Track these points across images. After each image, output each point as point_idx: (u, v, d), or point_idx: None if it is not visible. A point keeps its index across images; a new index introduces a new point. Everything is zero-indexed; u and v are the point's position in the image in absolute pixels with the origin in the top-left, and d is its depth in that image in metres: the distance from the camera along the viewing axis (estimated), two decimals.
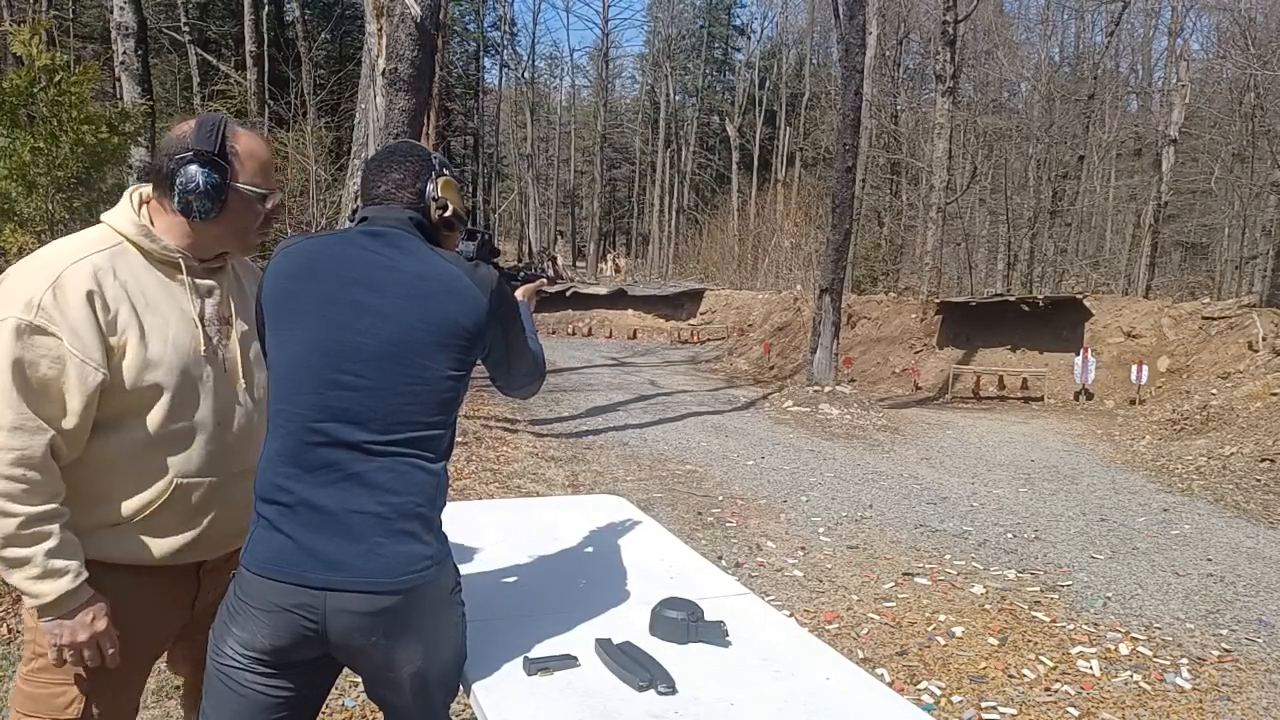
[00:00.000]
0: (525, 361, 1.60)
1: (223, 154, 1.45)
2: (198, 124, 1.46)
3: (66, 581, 1.35)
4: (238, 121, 1.51)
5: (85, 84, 5.46)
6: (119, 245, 1.45)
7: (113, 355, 1.38)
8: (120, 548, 1.45)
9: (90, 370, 1.35)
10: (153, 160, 1.50)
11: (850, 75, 11.38)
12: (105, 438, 1.41)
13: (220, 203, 1.45)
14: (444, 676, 1.42)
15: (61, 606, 1.36)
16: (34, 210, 5.44)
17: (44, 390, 1.33)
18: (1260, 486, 6.75)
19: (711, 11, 43.20)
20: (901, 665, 3.41)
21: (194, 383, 1.48)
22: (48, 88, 5.28)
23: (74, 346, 1.34)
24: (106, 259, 1.42)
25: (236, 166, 1.47)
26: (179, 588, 1.55)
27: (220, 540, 1.56)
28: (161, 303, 1.46)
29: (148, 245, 1.46)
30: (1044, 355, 13.08)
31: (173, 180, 1.43)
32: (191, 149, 1.43)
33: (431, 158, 1.53)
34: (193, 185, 1.42)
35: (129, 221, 1.47)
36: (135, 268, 1.45)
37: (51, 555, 1.34)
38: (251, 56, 20.62)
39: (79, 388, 1.35)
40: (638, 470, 6.80)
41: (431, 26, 6.34)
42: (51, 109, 5.30)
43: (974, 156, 23.99)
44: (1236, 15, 20.15)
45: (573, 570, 2.00)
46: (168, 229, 1.48)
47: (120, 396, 1.40)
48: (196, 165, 1.43)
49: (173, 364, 1.44)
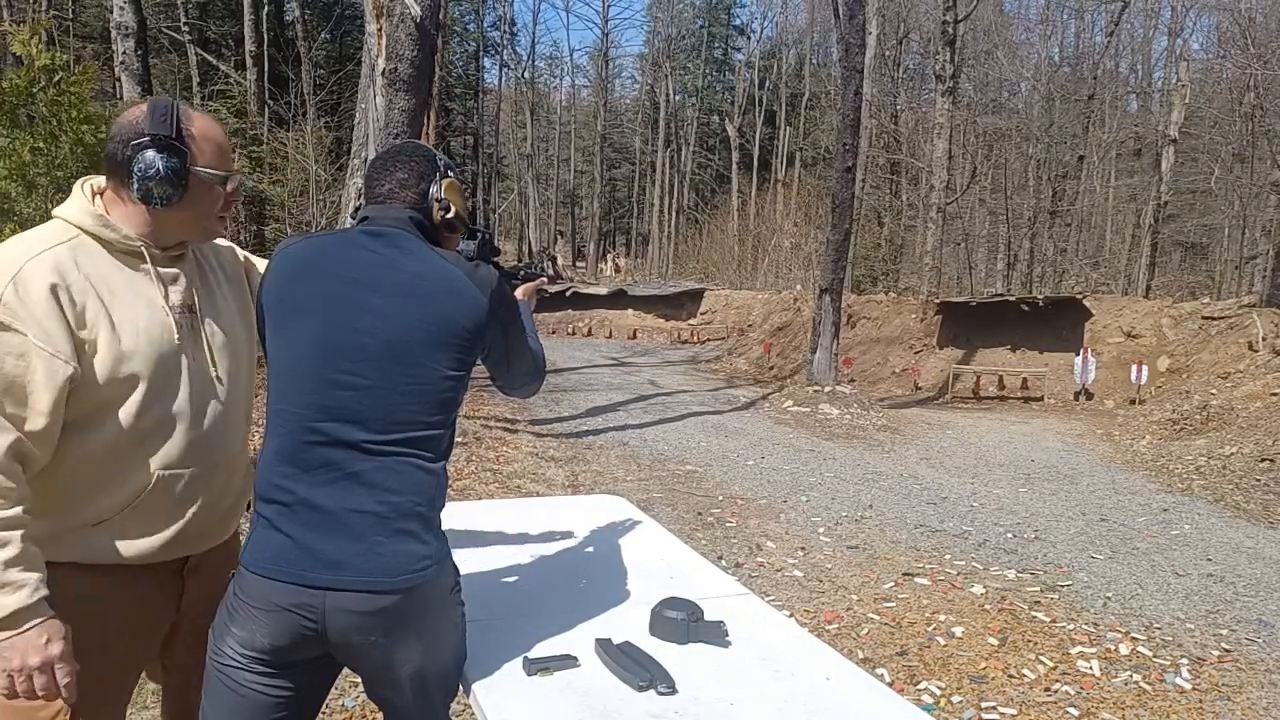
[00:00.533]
0: (525, 361, 1.60)
1: (180, 138, 1.39)
2: (150, 108, 1.40)
3: (24, 595, 1.25)
4: (187, 104, 1.47)
5: (85, 84, 5.45)
6: (76, 238, 1.38)
7: (84, 350, 1.33)
8: (103, 547, 1.40)
9: (60, 365, 1.30)
10: (107, 148, 1.41)
11: (850, 75, 11.38)
12: (82, 436, 1.36)
13: (181, 188, 1.40)
14: (444, 676, 1.42)
15: (14, 624, 1.25)
16: (34, 210, 5.43)
17: (8, 390, 1.27)
18: (1260, 486, 6.75)
19: (711, 11, 43.20)
20: (901, 665, 3.41)
21: (169, 372, 1.43)
22: (47, 88, 5.28)
23: (40, 341, 1.28)
24: (67, 251, 1.35)
25: (195, 150, 1.41)
26: (163, 587, 1.50)
27: (203, 534, 1.53)
28: (127, 293, 1.40)
29: (107, 235, 1.40)
30: (1044, 355, 13.08)
31: (130, 167, 1.37)
32: (148, 134, 1.37)
33: (436, 159, 1.53)
34: (152, 171, 1.37)
35: (84, 212, 1.40)
36: (97, 259, 1.39)
37: (8, 565, 1.24)
38: (251, 56, 20.61)
39: (47, 384, 1.29)
40: (638, 470, 6.80)
41: (431, 26, 6.34)
42: (51, 109, 5.30)
43: (974, 156, 23.99)
44: (1236, 15, 20.16)
45: (573, 570, 2.00)
46: (125, 218, 1.42)
47: (95, 392, 1.35)
48: (154, 150, 1.37)
49: (147, 354, 1.39)
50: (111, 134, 1.41)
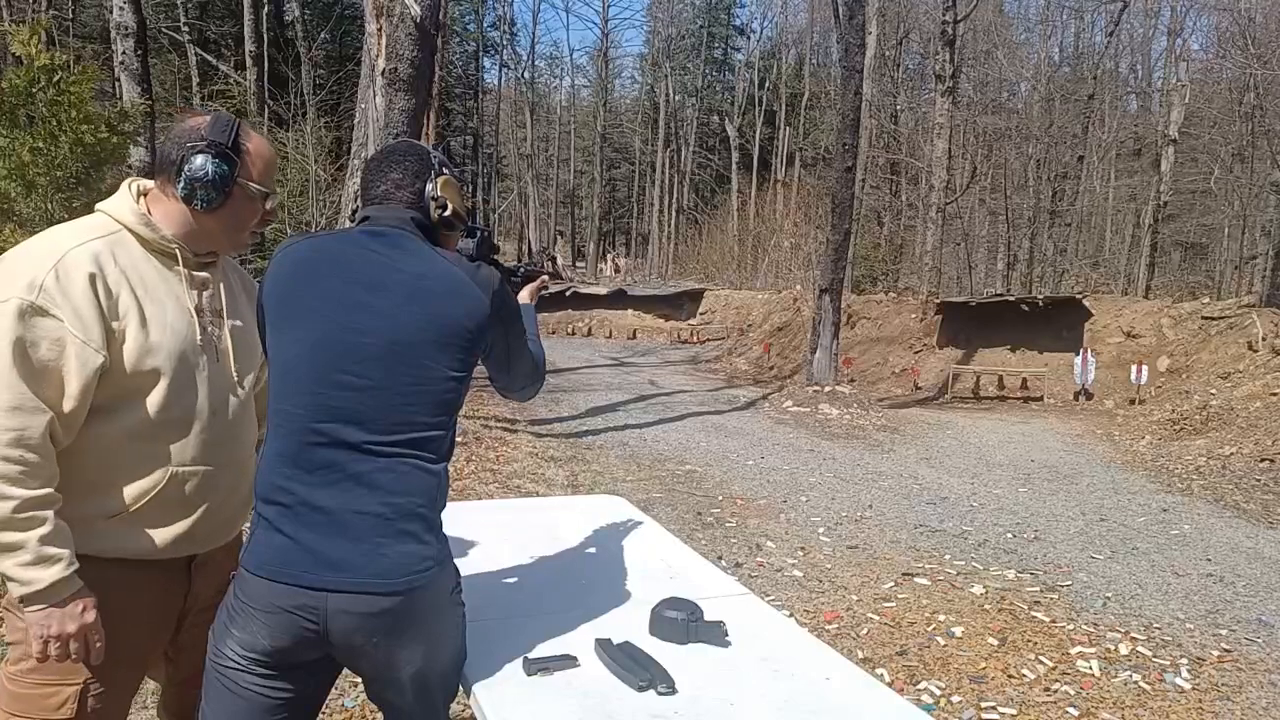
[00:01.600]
0: (525, 363, 1.60)
1: (235, 148, 1.47)
2: (213, 118, 1.48)
3: (59, 569, 1.33)
4: (248, 123, 1.54)
5: (84, 84, 5.45)
6: (118, 233, 1.45)
7: (113, 339, 1.38)
8: (113, 541, 1.43)
9: (91, 353, 1.35)
10: (162, 147, 1.50)
11: (850, 75, 11.38)
12: (102, 423, 1.40)
13: (225, 194, 1.47)
14: (444, 677, 1.42)
15: (52, 595, 1.33)
16: (33, 210, 5.43)
17: (43, 372, 1.32)
18: (1260, 486, 6.75)
19: (711, 11, 43.20)
20: (901, 665, 3.41)
21: (191, 370, 1.48)
22: (47, 88, 5.27)
23: (75, 329, 1.34)
24: (106, 245, 1.42)
25: (245, 163, 1.49)
26: (171, 583, 1.54)
27: (211, 533, 1.56)
28: (159, 290, 1.46)
29: (146, 234, 1.47)
30: (1044, 355, 13.08)
31: (180, 166, 1.45)
32: (206, 138, 1.45)
33: (431, 157, 1.53)
34: (201, 173, 1.44)
35: (128, 210, 1.47)
36: (134, 255, 1.45)
37: (45, 541, 1.31)
38: (251, 56, 20.62)
39: (79, 370, 1.34)
40: (638, 470, 6.79)
41: (431, 26, 6.34)
42: (50, 109, 5.29)
43: (974, 156, 23.99)
44: (1236, 15, 20.16)
45: (573, 570, 2.00)
46: (165, 217, 1.49)
47: (119, 380, 1.39)
48: (207, 155, 1.44)
49: (171, 350, 1.44)
50: (170, 135, 1.50)
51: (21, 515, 1.30)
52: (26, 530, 1.30)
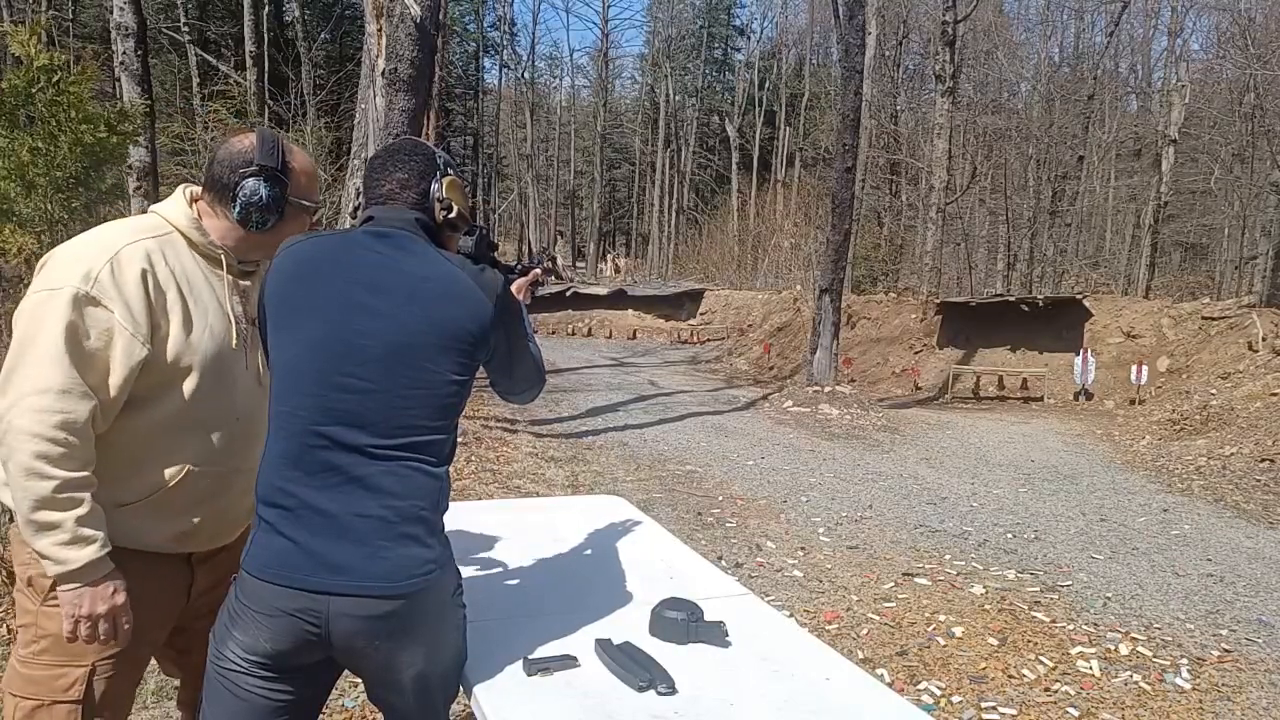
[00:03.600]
0: (527, 366, 1.59)
1: (284, 169, 1.54)
2: (260, 140, 1.54)
3: (93, 550, 1.37)
4: (286, 137, 1.63)
5: (84, 84, 5.44)
6: (170, 234, 1.52)
7: (157, 333, 1.44)
8: (122, 529, 1.45)
9: (137, 345, 1.40)
10: (210, 168, 1.56)
11: (850, 75, 11.38)
12: (134, 413, 1.44)
13: (279, 214, 1.55)
14: (445, 678, 1.42)
15: (86, 575, 1.37)
16: (33, 210, 5.42)
17: (92, 360, 1.37)
18: (1260, 486, 6.75)
19: (711, 12, 43.19)
20: (901, 665, 3.41)
21: (223, 373, 1.52)
22: (46, 88, 5.27)
23: (125, 321, 1.39)
24: (157, 244, 1.48)
25: (294, 180, 1.56)
26: (174, 574, 1.57)
27: (216, 534, 1.60)
28: (204, 293, 1.52)
29: (196, 238, 1.54)
30: (1044, 355, 13.08)
31: (234, 191, 1.52)
32: (257, 163, 1.51)
33: (436, 157, 1.52)
34: (256, 198, 1.51)
35: (182, 214, 1.54)
36: (183, 256, 1.51)
37: (81, 523, 1.35)
38: (251, 56, 20.63)
39: (124, 361, 1.39)
40: (638, 470, 6.79)
41: (431, 26, 6.34)
42: (50, 109, 5.29)
43: (974, 156, 23.98)
44: (1236, 15, 20.16)
45: (573, 571, 2.00)
46: (215, 230, 1.56)
47: (156, 374, 1.44)
48: (260, 179, 1.51)
49: (208, 350, 1.50)
50: (220, 158, 1.55)
51: (62, 495, 1.34)
52: (65, 510, 1.34)
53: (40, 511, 1.34)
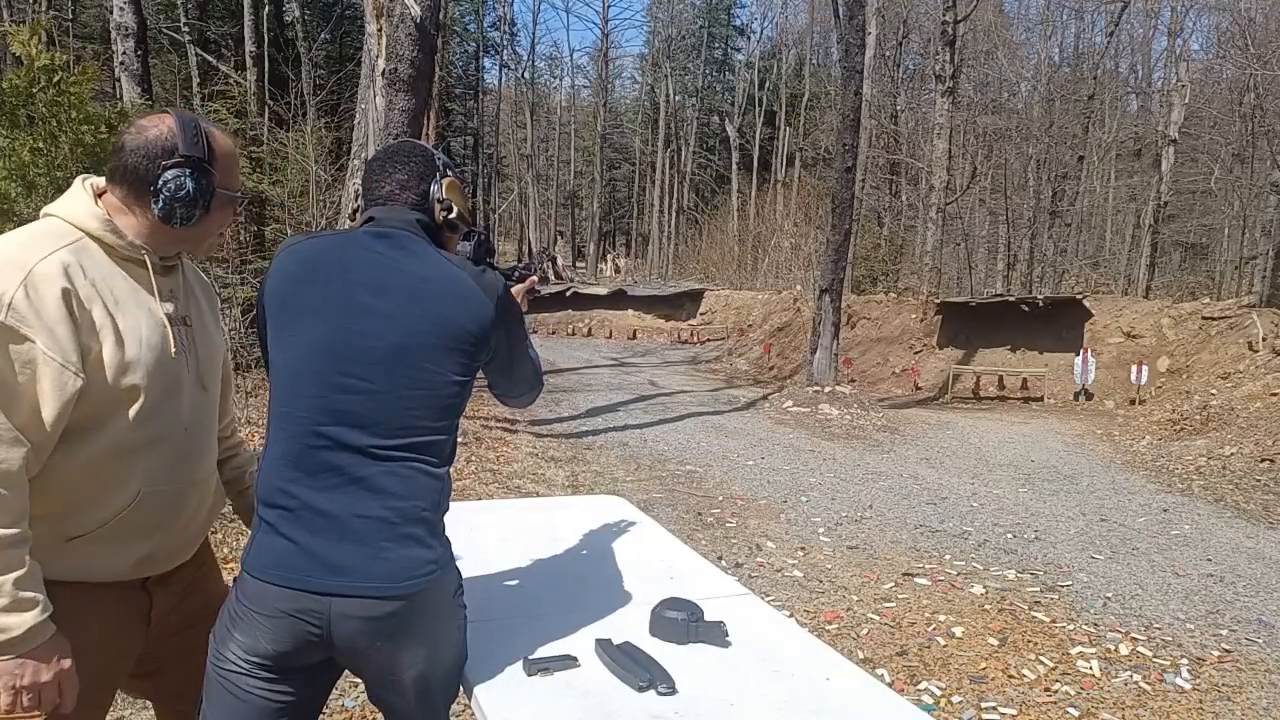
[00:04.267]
0: (525, 369, 1.59)
1: (210, 159, 1.38)
2: (180, 126, 1.36)
3: (34, 614, 1.22)
4: (203, 117, 1.43)
5: (85, 84, 5.45)
6: (80, 240, 1.32)
7: (88, 357, 1.27)
8: (70, 564, 1.32)
9: (69, 376, 1.24)
10: (121, 158, 1.36)
11: (850, 75, 11.38)
12: (74, 446, 1.29)
13: (205, 208, 1.38)
14: (446, 679, 1.42)
15: (27, 642, 1.22)
16: (34, 211, 5.42)
17: (17, 400, 1.21)
18: (1260, 486, 6.75)
19: (711, 12, 43.20)
20: (901, 665, 3.41)
21: (167, 385, 1.38)
22: (47, 88, 5.27)
23: (51, 350, 1.22)
24: (72, 254, 1.29)
25: (219, 170, 1.40)
26: (130, 603, 1.44)
27: (173, 553, 1.48)
28: (130, 302, 1.35)
29: (112, 241, 1.35)
30: (1044, 355, 13.08)
31: (155, 184, 1.34)
32: (181, 154, 1.34)
33: (435, 158, 1.52)
34: (182, 193, 1.34)
35: (89, 214, 1.34)
36: (100, 264, 1.33)
37: (20, 585, 1.20)
38: (251, 57, 20.63)
39: (55, 395, 1.23)
40: (638, 470, 6.79)
41: (431, 26, 6.34)
42: (50, 109, 5.29)
43: (974, 156, 23.97)
44: (1236, 15, 20.15)
45: (573, 571, 2.00)
46: (130, 227, 1.38)
47: (95, 402, 1.29)
48: (184, 170, 1.34)
49: (149, 366, 1.34)
50: (133, 146, 1.36)
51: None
52: (2, 574, 1.19)
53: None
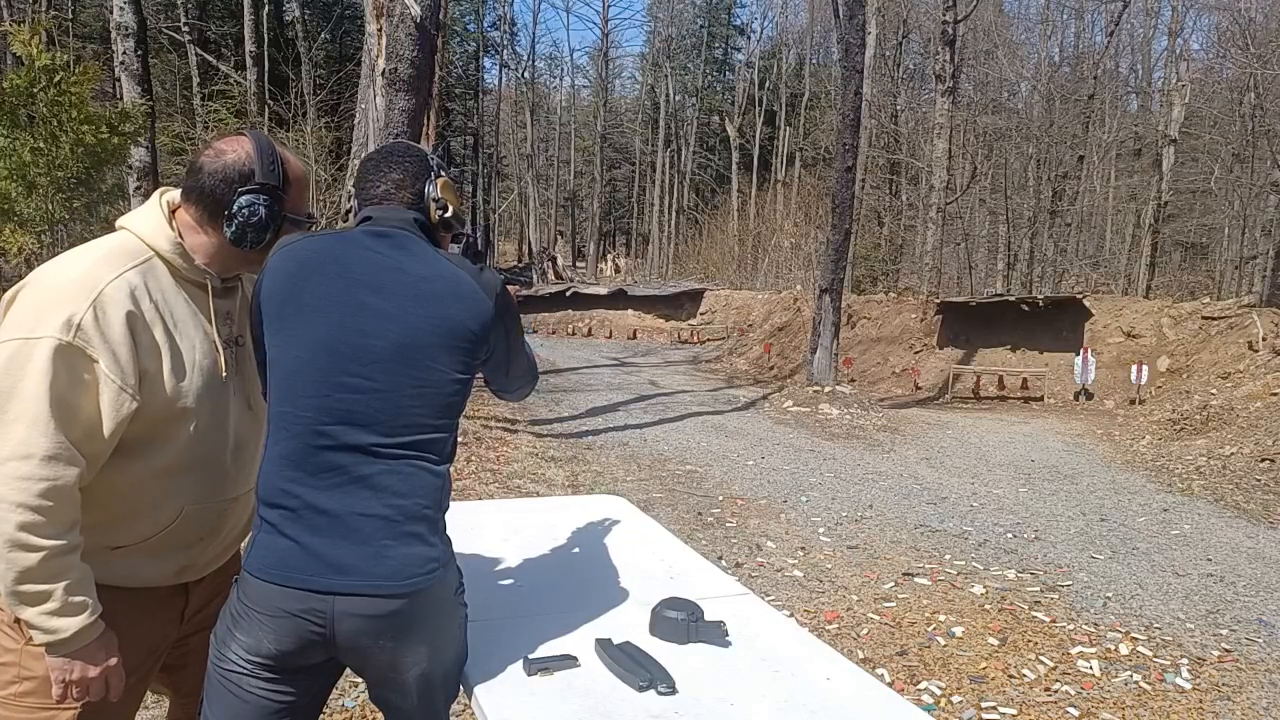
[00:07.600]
0: (522, 365, 1.60)
1: (284, 186, 1.43)
2: (258, 152, 1.41)
3: (84, 618, 1.29)
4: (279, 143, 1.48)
5: (85, 84, 5.46)
6: (150, 260, 1.37)
7: (145, 381, 1.32)
8: (114, 570, 1.38)
9: (126, 398, 1.29)
10: (198, 180, 1.41)
11: (850, 75, 11.39)
12: (123, 463, 1.34)
13: (275, 232, 1.44)
14: (447, 677, 1.42)
15: (76, 642, 1.30)
16: (34, 210, 5.43)
17: (76, 416, 1.26)
18: (1260, 486, 6.75)
19: (711, 11, 43.18)
20: (901, 665, 3.41)
21: (216, 408, 1.43)
22: (48, 88, 5.28)
23: (112, 373, 1.28)
24: (139, 276, 1.34)
25: (290, 195, 1.45)
26: (169, 605, 1.51)
27: (212, 561, 1.55)
28: (188, 324, 1.40)
29: (179, 264, 1.40)
30: (1044, 355, 13.08)
31: (230, 208, 1.39)
32: (259, 181, 1.40)
33: (429, 158, 1.53)
34: (255, 218, 1.40)
35: (163, 236, 1.40)
36: (164, 286, 1.38)
37: (71, 591, 1.27)
38: (251, 56, 20.65)
39: (112, 415, 1.29)
40: (638, 470, 6.79)
41: (431, 26, 6.34)
42: (51, 109, 5.30)
43: (974, 156, 23.97)
44: (1236, 15, 20.14)
45: (573, 570, 2.00)
46: (198, 247, 1.43)
47: (146, 421, 1.34)
48: (261, 197, 1.40)
49: (200, 390, 1.39)
50: (210, 169, 1.40)
51: (49, 566, 1.25)
52: (53, 581, 1.26)
53: (26, 584, 1.24)
